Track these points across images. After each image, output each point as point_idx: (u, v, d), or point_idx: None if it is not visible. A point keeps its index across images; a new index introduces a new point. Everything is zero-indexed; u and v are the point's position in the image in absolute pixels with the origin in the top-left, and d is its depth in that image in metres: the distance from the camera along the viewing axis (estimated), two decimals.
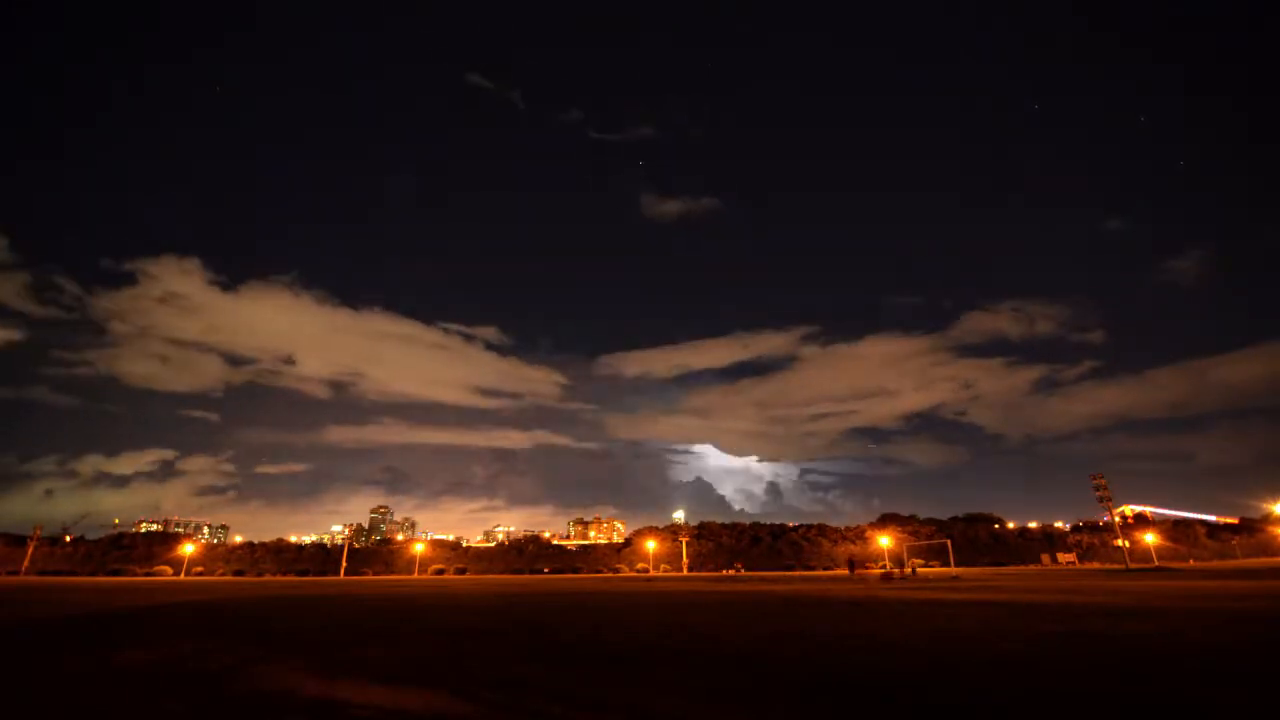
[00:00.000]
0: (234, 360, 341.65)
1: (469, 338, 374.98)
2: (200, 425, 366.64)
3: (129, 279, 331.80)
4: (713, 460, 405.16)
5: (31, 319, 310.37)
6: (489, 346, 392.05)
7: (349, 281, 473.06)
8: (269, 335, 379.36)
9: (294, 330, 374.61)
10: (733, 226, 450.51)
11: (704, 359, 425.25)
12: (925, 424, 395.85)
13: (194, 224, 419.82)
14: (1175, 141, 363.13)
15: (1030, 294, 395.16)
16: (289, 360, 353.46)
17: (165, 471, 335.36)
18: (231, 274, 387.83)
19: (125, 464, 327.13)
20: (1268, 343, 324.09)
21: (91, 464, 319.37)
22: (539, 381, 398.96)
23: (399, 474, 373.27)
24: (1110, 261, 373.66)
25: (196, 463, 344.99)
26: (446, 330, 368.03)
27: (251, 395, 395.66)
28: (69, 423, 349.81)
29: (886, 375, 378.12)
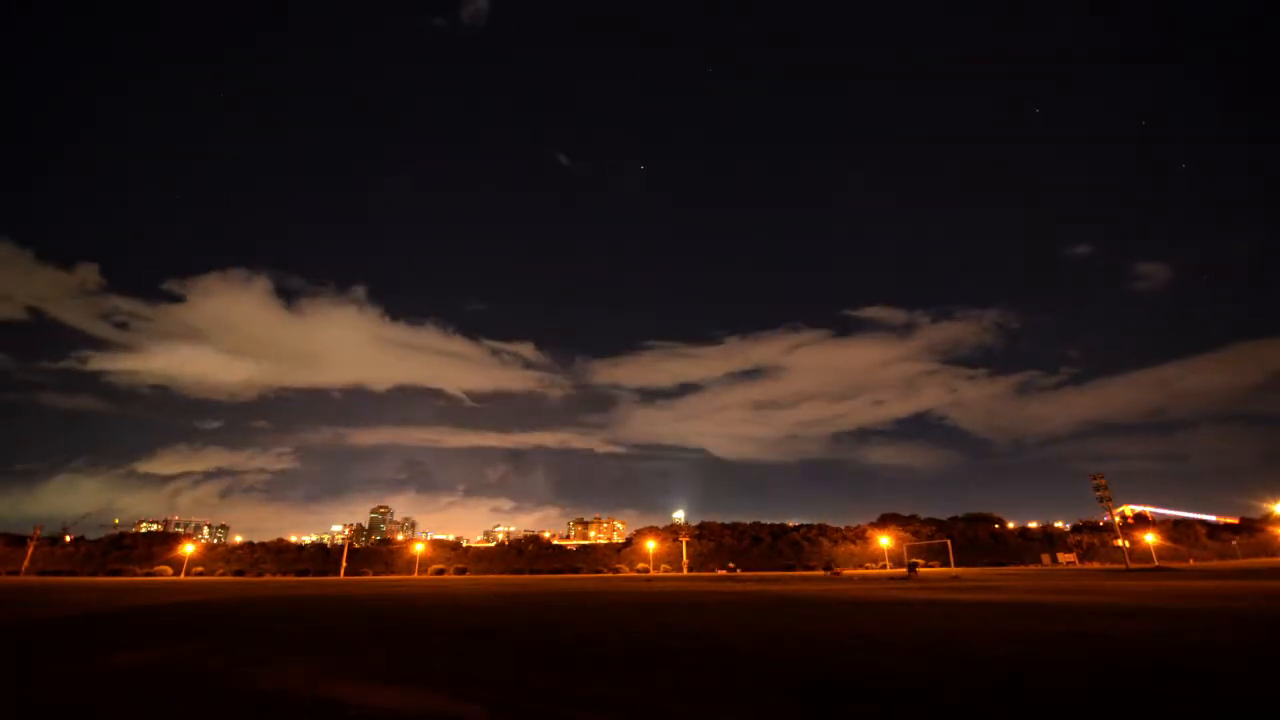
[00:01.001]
0: (291, 368, 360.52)
1: (510, 355, 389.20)
2: (252, 431, 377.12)
3: (188, 294, 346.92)
4: (713, 461, 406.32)
5: (97, 337, 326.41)
6: (527, 364, 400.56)
7: (405, 298, 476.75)
8: (330, 349, 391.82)
9: (356, 344, 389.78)
10: (733, 235, 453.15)
11: (704, 363, 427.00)
12: (917, 428, 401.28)
13: (258, 238, 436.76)
14: (1175, 142, 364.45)
15: (1012, 302, 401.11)
16: (343, 370, 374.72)
17: (212, 474, 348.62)
18: (296, 289, 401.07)
19: (171, 466, 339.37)
20: (1240, 344, 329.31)
21: (140, 466, 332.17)
22: (554, 387, 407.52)
23: (422, 472, 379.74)
24: (1089, 270, 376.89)
25: (243, 463, 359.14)
26: (495, 351, 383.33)
27: (304, 403, 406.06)
28: (119, 429, 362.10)
29: (880, 380, 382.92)
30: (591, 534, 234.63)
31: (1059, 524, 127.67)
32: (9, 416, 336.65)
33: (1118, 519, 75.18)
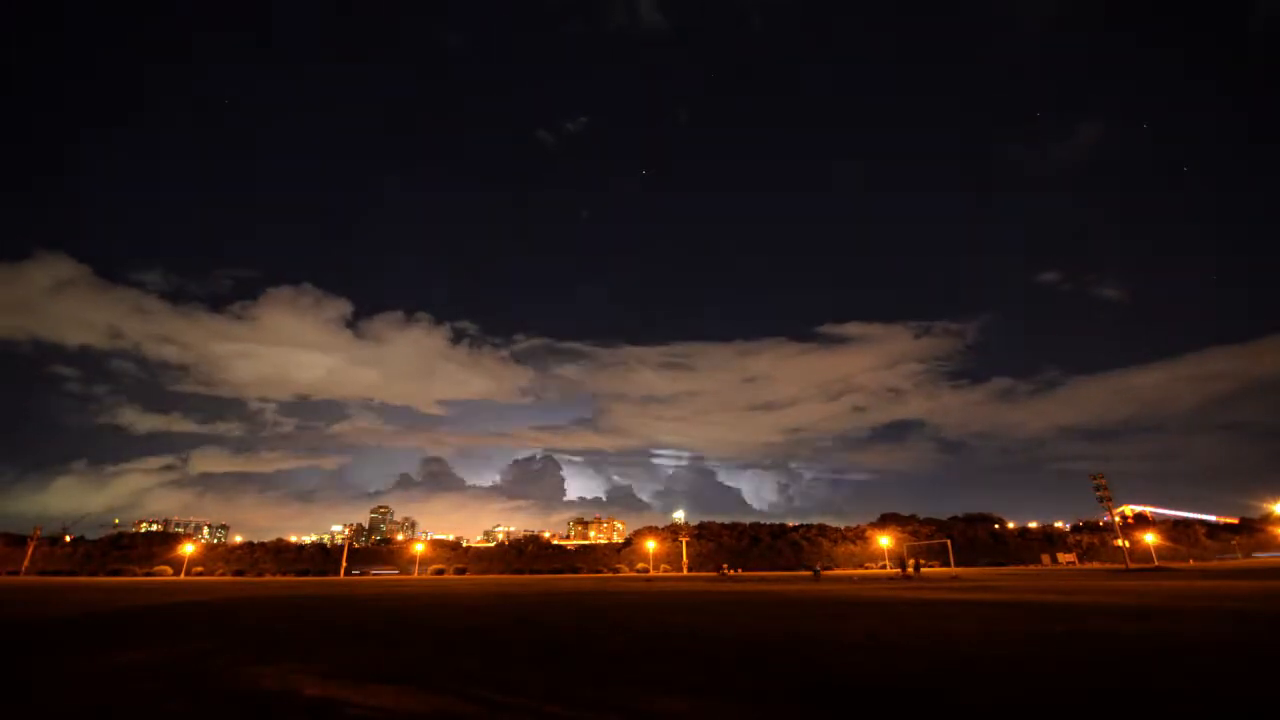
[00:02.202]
0: (353, 383, 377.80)
1: (556, 379, 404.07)
2: (296, 436, 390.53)
3: (257, 310, 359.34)
4: (713, 463, 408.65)
5: (162, 352, 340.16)
6: (566, 382, 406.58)
7: (459, 321, 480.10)
8: (394, 366, 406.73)
9: (426, 363, 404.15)
10: (730, 241, 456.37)
11: (705, 366, 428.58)
12: (906, 432, 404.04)
13: (328, 260, 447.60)
14: (1178, 143, 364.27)
15: (994, 313, 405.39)
16: (412, 385, 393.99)
17: (260, 476, 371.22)
18: (364, 309, 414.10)
19: (221, 466, 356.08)
20: (1215, 349, 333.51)
21: (192, 469, 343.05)
22: (563, 390, 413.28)
23: (442, 471, 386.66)
24: (1070, 279, 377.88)
25: (288, 466, 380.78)
26: (541, 375, 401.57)
27: (358, 412, 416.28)
28: (175, 435, 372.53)
29: (864, 387, 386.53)
30: (591, 534, 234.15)
31: (1059, 524, 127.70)
32: (69, 422, 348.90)
33: (1118, 519, 75.12)
